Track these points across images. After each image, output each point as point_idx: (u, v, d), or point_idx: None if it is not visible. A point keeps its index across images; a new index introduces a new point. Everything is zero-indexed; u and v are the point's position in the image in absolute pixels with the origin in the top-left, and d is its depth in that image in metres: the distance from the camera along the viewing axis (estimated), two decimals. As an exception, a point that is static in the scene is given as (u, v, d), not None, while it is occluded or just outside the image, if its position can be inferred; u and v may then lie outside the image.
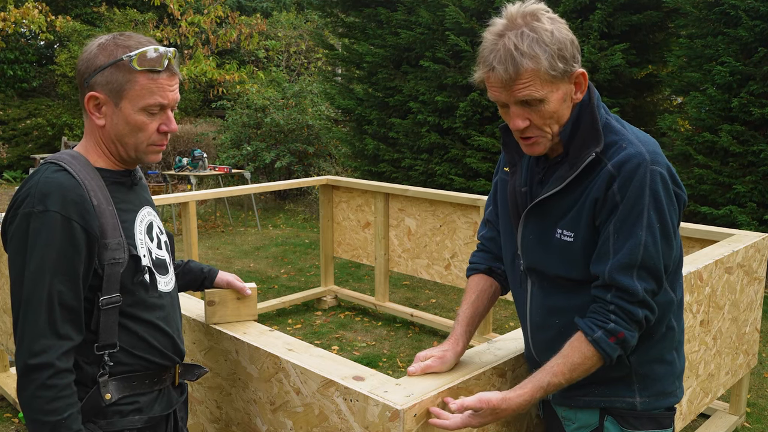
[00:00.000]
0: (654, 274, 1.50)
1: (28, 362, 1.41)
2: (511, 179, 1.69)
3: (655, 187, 1.47)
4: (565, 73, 1.48)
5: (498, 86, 1.48)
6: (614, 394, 1.62)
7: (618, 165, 1.48)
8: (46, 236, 1.42)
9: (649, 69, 7.35)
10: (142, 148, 1.57)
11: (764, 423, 3.60)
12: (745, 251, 3.06)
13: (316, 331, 5.04)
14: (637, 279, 1.48)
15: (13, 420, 3.63)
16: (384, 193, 5.02)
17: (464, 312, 1.81)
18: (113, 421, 1.55)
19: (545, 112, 1.49)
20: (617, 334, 1.49)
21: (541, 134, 1.53)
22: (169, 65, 1.54)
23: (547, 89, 1.47)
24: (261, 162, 9.97)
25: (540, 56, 1.43)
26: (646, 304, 1.50)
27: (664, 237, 1.49)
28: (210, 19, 11.01)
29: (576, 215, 1.54)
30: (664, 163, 1.51)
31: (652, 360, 1.63)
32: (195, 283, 1.99)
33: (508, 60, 1.43)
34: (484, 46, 1.49)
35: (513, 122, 1.52)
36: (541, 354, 1.68)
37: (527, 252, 1.67)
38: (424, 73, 7.72)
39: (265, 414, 1.90)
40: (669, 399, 1.67)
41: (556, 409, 1.74)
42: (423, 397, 1.56)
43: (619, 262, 1.48)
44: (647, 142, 1.53)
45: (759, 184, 5.84)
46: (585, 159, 1.51)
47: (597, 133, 1.52)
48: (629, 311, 1.49)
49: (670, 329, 1.64)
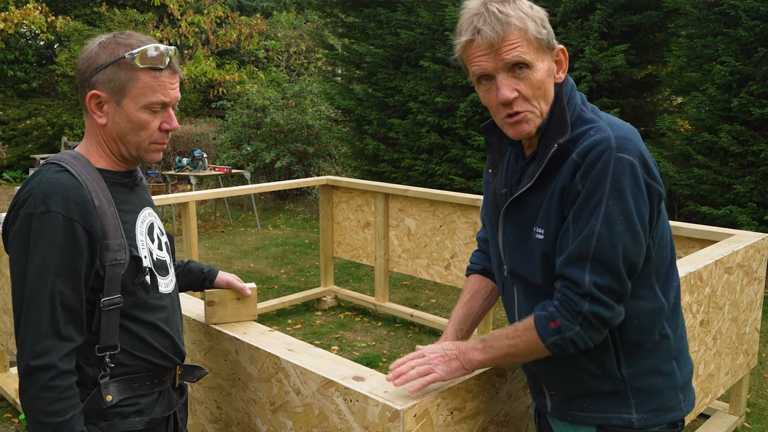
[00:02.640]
0: (610, 268, 1.38)
1: (30, 363, 1.40)
2: (493, 181, 1.64)
3: (619, 176, 1.36)
4: (548, 44, 1.45)
5: (484, 52, 1.42)
6: (609, 410, 1.53)
7: (583, 153, 1.40)
8: (48, 237, 1.42)
9: (649, 69, 7.35)
10: (144, 146, 1.57)
11: (764, 423, 3.60)
12: (745, 251, 3.06)
13: (316, 332, 5.04)
14: (590, 272, 1.38)
15: (13, 420, 3.63)
16: (384, 193, 5.02)
17: (457, 311, 1.81)
18: (114, 422, 1.55)
19: (534, 81, 1.43)
20: (554, 319, 1.42)
21: (530, 109, 1.45)
22: (171, 63, 1.54)
23: (534, 54, 1.42)
24: (261, 162, 9.97)
25: (525, 19, 1.41)
26: (595, 299, 1.38)
27: (628, 230, 1.38)
28: (210, 19, 11.01)
29: (546, 210, 1.47)
30: (636, 151, 1.39)
31: (648, 372, 1.53)
32: (195, 283, 1.99)
33: (494, 21, 1.40)
34: (465, 16, 1.46)
35: (500, 93, 1.43)
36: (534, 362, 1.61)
37: (509, 256, 1.60)
38: (424, 73, 7.73)
39: (265, 414, 1.90)
40: (671, 414, 1.55)
41: (554, 423, 1.68)
42: (423, 397, 1.56)
43: (569, 253, 1.41)
44: (619, 128, 1.42)
45: (759, 184, 5.85)
46: (549, 151, 1.44)
47: (564, 124, 1.45)
48: (572, 300, 1.40)
49: (664, 338, 1.54)
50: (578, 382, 1.56)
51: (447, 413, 1.63)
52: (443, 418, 1.62)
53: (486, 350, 1.54)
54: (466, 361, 1.56)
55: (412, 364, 1.56)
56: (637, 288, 1.47)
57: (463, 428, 1.69)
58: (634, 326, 1.50)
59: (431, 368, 1.55)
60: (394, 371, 1.55)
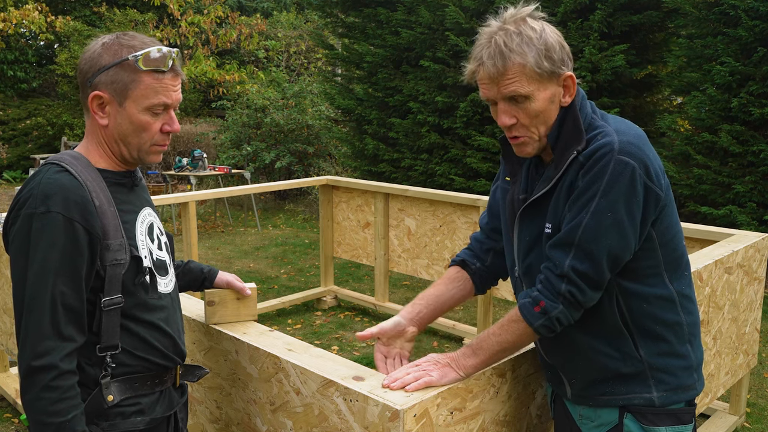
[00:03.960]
0: (590, 257, 1.51)
1: (31, 364, 1.40)
2: (512, 188, 1.74)
3: (615, 177, 1.48)
4: (552, 73, 1.54)
5: (487, 81, 1.55)
6: (631, 391, 1.64)
7: (588, 154, 1.52)
8: (48, 237, 1.42)
9: (649, 69, 7.35)
10: (145, 148, 1.58)
11: (764, 423, 3.60)
12: (745, 251, 3.06)
13: (316, 331, 5.04)
14: (572, 257, 1.51)
15: (13, 420, 3.63)
16: (384, 193, 5.02)
17: (424, 292, 1.91)
18: (115, 422, 1.55)
19: (531, 111, 1.54)
20: (539, 302, 1.55)
21: (528, 135, 1.58)
22: (173, 65, 1.55)
23: (533, 86, 1.52)
24: (261, 162, 9.97)
25: (527, 53, 1.50)
26: (570, 280, 1.52)
27: (614, 227, 1.49)
28: (210, 19, 11.02)
29: (554, 207, 1.59)
30: (638, 155, 1.49)
31: (664, 354, 1.64)
32: (195, 283, 1.99)
33: (496, 55, 1.51)
34: (478, 41, 1.58)
35: (500, 119, 1.58)
36: (552, 356, 1.74)
37: (522, 257, 1.70)
38: (424, 73, 7.73)
39: (265, 414, 1.90)
40: (688, 393, 1.68)
41: (573, 408, 1.75)
42: (423, 397, 1.56)
43: (558, 239, 1.54)
44: (625, 133, 1.53)
45: (759, 184, 5.85)
46: (568, 159, 1.55)
47: (579, 133, 1.56)
48: (551, 282, 1.54)
49: (675, 323, 1.65)
50: (599, 369, 1.65)
51: (447, 413, 1.63)
52: (443, 418, 1.62)
53: (477, 353, 1.63)
54: (460, 367, 1.63)
55: (407, 370, 1.63)
56: (646, 277, 1.60)
57: (463, 428, 1.69)
58: (644, 310, 1.61)
59: (426, 373, 1.61)
60: (389, 377, 1.62)
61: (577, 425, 1.74)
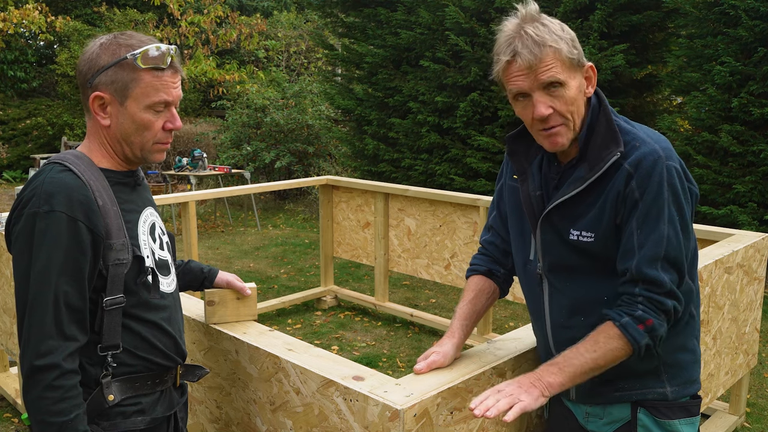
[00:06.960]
0: (676, 265, 1.54)
1: (34, 363, 1.40)
2: (523, 186, 1.73)
3: (673, 182, 1.53)
4: (579, 62, 1.57)
5: (524, 71, 1.53)
6: (646, 387, 1.66)
7: (635, 163, 1.53)
8: (51, 236, 1.42)
9: (649, 69, 7.35)
10: (148, 146, 1.58)
11: (764, 423, 3.60)
12: (745, 251, 3.06)
13: (316, 331, 5.04)
14: (663, 271, 1.53)
15: (13, 420, 3.64)
16: (384, 193, 5.02)
17: (462, 308, 1.83)
18: (116, 422, 1.55)
19: (567, 98, 1.55)
20: (645, 321, 1.53)
21: (564, 122, 1.57)
22: (172, 62, 1.55)
23: (567, 74, 1.55)
24: (261, 162, 9.97)
25: (560, 41, 1.53)
26: (674, 295, 1.54)
27: (683, 230, 1.55)
28: (210, 19, 11.00)
29: (597, 216, 1.58)
30: (677, 159, 1.56)
31: (677, 349, 1.67)
32: (195, 283, 2.00)
33: (532, 44, 1.52)
34: (503, 38, 1.57)
35: (537, 110, 1.55)
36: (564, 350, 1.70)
37: (547, 254, 1.69)
38: (424, 73, 7.73)
39: (265, 414, 1.90)
40: (694, 386, 1.71)
41: (577, 407, 1.75)
42: (423, 397, 1.56)
43: (645, 256, 1.53)
44: (659, 140, 1.58)
45: (759, 184, 5.85)
46: (608, 159, 1.55)
47: (615, 134, 1.57)
48: (658, 301, 1.53)
49: (691, 317, 1.69)
50: (615, 367, 1.60)
51: (447, 413, 1.63)
52: (443, 418, 1.62)
53: (564, 371, 1.56)
54: (545, 386, 1.55)
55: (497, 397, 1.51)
56: None
57: (463, 428, 1.69)
58: None
59: (516, 398, 1.51)
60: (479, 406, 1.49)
61: (580, 424, 1.74)
